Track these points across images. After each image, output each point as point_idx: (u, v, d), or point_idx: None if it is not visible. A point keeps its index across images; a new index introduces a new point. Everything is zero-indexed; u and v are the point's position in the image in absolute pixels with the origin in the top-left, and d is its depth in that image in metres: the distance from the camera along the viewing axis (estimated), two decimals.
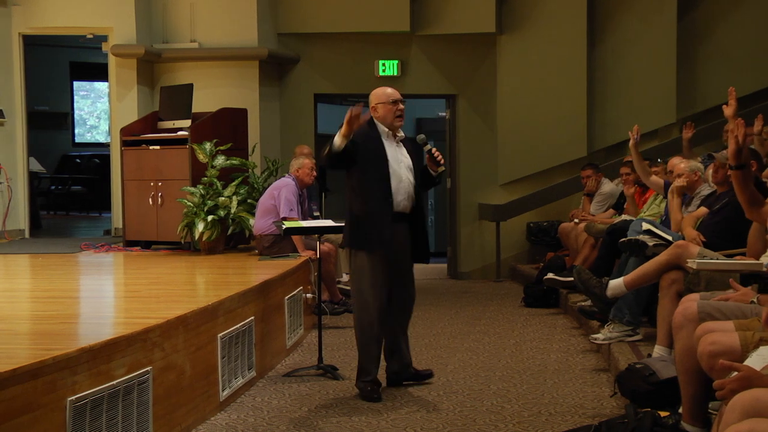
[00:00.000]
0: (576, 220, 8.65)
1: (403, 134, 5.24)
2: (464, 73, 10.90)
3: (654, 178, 7.28)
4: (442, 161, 5.19)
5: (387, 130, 5.16)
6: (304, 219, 7.57)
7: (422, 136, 5.26)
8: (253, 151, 9.12)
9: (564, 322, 7.62)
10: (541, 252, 10.28)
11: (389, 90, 5.23)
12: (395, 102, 5.15)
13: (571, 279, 6.96)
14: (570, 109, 10.64)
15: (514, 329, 7.35)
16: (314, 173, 7.86)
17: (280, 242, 7.46)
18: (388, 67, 10.80)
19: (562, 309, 8.11)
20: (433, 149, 5.19)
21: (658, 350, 4.87)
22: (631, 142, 7.27)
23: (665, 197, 6.79)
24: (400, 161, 5.15)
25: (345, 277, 8.59)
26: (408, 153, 5.22)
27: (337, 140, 4.92)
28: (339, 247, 7.53)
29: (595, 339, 5.85)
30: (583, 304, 6.69)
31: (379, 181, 5.07)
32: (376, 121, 5.18)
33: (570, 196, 10.52)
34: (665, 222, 6.41)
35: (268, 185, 8.09)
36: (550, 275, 7.90)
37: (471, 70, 10.89)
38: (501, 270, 10.61)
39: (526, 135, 10.73)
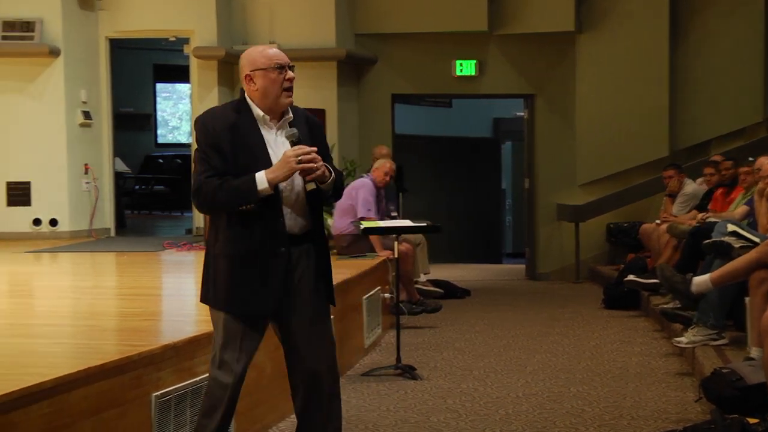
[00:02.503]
0: (658, 221, 8.49)
1: (291, 115, 3.43)
2: (542, 72, 10.80)
3: None
4: (311, 174, 3.31)
5: (263, 113, 3.35)
6: (381, 219, 7.59)
7: (293, 130, 3.35)
8: (331, 151, 9.17)
9: (645, 324, 7.48)
10: (621, 253, 10.11)
11: (270, 50, 3.38)
12: (281, 68, 3.32)
13: (653, 281, 6.84)
14: (651, 108, 10.44)
15: (594, 331, 7.24)
16: (391, 173, 7.87)
17: (358, 242, 7.49)
18: (466, 67, 10.77)
19: (644, 311, 7.96)
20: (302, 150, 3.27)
21: (754, 352, 4.75)
22: None
23: None
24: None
25: (423, 278, 8.60)
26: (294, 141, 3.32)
27: (263, 187, 3.23)
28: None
29: (679, 342, 5.71)
30: (665, 306, 6.54)
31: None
32: (248, 99, 3.36)
33: (651, 197, 10.31)
34: (752, 224, 6.23)
35: (346, 185, 8.13)
36: (631, 277, 7.75)
37: (549, 70, 10.78)
38: (580, 271, 10.48)
39: (606, 134, 10.56)
